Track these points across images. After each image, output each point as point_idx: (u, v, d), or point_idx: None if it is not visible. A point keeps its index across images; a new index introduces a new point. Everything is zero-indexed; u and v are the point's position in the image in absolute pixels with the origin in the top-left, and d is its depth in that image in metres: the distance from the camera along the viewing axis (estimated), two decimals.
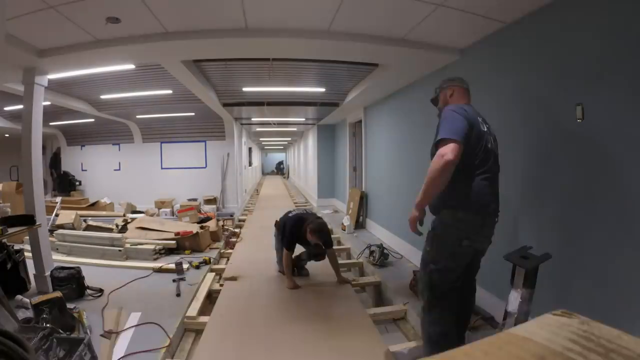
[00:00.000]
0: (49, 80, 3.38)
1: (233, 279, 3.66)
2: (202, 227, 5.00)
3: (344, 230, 5.87)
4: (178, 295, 3.20)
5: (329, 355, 2.28)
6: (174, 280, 3.52)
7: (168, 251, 4.51)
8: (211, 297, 3.38)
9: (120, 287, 3.32)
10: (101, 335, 2.42)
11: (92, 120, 7.19)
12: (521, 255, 1.86)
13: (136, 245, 4.43)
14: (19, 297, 2.88)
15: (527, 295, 1.80)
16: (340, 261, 4.76)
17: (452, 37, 2.89)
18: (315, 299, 3.18)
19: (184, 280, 3.57)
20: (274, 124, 8.99)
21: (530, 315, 1.85)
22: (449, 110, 1.82)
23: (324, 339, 2.44)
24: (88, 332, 2.44)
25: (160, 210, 7.48)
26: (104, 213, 7.02)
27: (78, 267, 3.19)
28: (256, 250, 4.81)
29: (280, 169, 30.36)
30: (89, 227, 5.29)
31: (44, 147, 5.71)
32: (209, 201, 7.95)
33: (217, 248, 4.86)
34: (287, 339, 2.47)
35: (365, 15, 2.48)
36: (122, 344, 2.34)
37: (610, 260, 1.79)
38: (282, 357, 2.27)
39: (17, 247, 3.32)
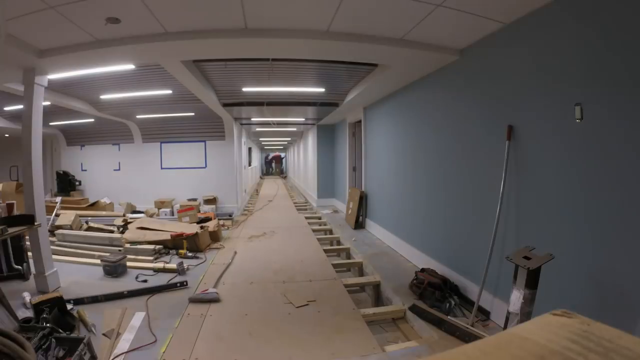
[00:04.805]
0: (49, 81, 3.38)
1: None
2: (202, 227, 5.00)
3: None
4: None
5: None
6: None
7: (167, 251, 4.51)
8: None
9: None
10: (103, 334, 2.42)
11: (92, 120, 7.18)
12: (524, 256, 1.85)
13: (136, 245, 4.43)
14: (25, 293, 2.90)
15: (530, 295, 1.79)
16: (340, 261, 4.78)
17: (451, 37, 2.88)
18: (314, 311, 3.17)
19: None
20: (274, 124, 8.99)
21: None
22: None
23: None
24: (93, 329, 2.45)
25: (160, 210, 7.49)
26: (103, 213, 7.01)
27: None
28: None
29: (269, 169, 22.21)
30: (90, 229, 5.29)
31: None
32: (208, 201, 7.95)
33: (217, 248, 4.85)
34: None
35: (364, 15, 2.48)
36: (124, 343, 2.34)
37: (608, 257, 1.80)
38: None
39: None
